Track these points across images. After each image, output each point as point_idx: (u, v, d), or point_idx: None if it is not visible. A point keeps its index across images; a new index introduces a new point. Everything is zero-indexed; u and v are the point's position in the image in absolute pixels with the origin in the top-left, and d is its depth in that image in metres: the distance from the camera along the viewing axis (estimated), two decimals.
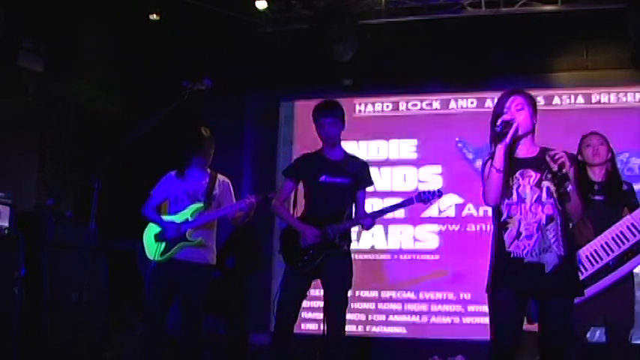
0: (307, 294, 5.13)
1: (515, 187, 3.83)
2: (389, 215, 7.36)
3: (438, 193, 5.14)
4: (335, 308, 5.06)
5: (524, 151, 3.92)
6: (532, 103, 3.94)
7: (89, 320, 5.94)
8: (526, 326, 3.95)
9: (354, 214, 5.18)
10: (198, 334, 5.48)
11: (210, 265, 5.50)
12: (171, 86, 4.59)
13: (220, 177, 5.64)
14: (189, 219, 5.42)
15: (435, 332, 7.20)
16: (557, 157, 3.72)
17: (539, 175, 3.82)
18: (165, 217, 5.52)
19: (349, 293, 5.30)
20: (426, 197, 5.13)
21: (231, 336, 6.97)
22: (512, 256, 3.77)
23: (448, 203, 7.39)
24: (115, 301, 6.58)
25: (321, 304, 5.12)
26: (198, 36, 7.40)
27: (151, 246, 5.46)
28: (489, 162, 3.84)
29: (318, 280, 5.09)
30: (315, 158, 5.27)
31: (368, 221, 5.09)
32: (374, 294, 7.41)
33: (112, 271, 6.55)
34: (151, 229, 5.53)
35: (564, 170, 3.68)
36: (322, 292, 5.09)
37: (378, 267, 7.55)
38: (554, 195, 3.78)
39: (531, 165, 3.86)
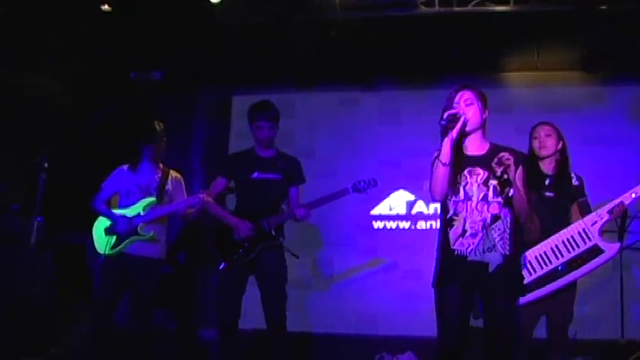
0: (246, 289, 5.12)
1: (462, 184, 3.85)
2: None
3: (373, 182, 5.17)
4: (274, 303, 5.06)
5: (473, 147, 3.94)
6: (482, 98, 3.96)
7: (36, 315, 5.86)
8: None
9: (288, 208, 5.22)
10: (148, 328, 5.48)
11: (160, 260, 5.55)
12: (121, 78, 4.53)
13: (173, 172, 5.66)
14: (141, 213, 5.43)
15: (384, 329, 7.23)
16: (503, 159, 3.74)
17: (487, 174, 3.84)
18: (116, 211, 5.49)
19: (297, 288, 5.28)
20: (361, 186, 5.17)
21: (181, 331, 6.92)
22: (456, 253, 3.81)
23: (399, 200, 7.42)
24: (63, 295, 6.48)
25: None
26: (151, 28, 7.29)
27: (101, 240, 5.44)
28: (437, 157, 3.84)
29: None
30: (247, 156, 5.35)
31: (301, 211, 5.12)
32: (323, 289, 7.42)
33: (60, 265, 6.45)
34: (101, 223, 5.50)
35: (506, 176, 3.71)
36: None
37: (330, 262, 7.56)
38: (502, 195, 3.80)
39: (480, 163, 3.88)
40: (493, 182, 3.82)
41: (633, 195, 4.89)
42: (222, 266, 5.15)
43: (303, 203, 5.26)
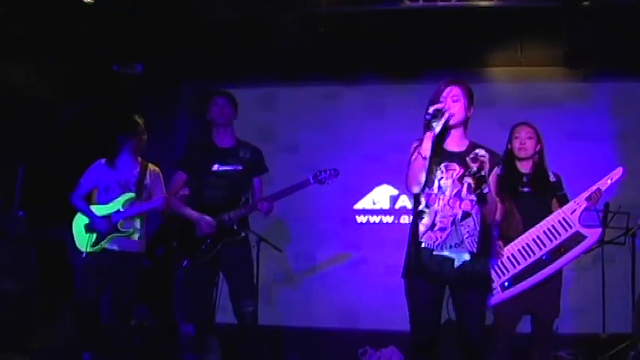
0: (217, 283, 5.10)
1: (437, 178, 3.86)
2: None
3: (334, 173, 5.14)
4: (241, 298, 5.02)
5: (453, 143, 3.95)
6: (469, 95, 3.97)
7: (17, 310, 5.81)
8: None
9: (250, 201, 5.16)
10: (129, 322, 5.44)
11: (140, 254, 5.50)
12: (103, 71, 4.49)
13: (151, 166, 5.58)
14: (121, 209, 5.38)
15: (367, 323, 7.23)
16: (478, 157, 3.74)
17: (462, 171, 3.85)
18: (96, 207, 5.45)
19: (284, 284, 5.25)
20: (323, 177, 5.14)
21: (161, 326, 6.88)
22: (423, 245, 3.82)
23: (383, 195, 7.43)
24: (45, 290, 6.43)
25: None
26: (134, 21, 7.23)
27: (82, 237, 5.39)
28: (417, 148, 3.84)
29: None
30: (206, 147, 5.25)
31: (265, 205, 5.08)
32: (307, 283, 7.42)
33: (42, 260, 6.40)
34: (81, 220, 5.45)
35: (483, 172, 3.71)
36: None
37: (312, 256, 7.54)
38: (475, 192, 3.81)
39: (457, 159, 3.89)
40: (468, 179, 3.83)
41: (609, 181, 4.94)
42: (185, 263, 5.11)
43: (265, 196, 5.19)
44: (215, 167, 5.12)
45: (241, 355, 5.12)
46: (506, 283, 4.75)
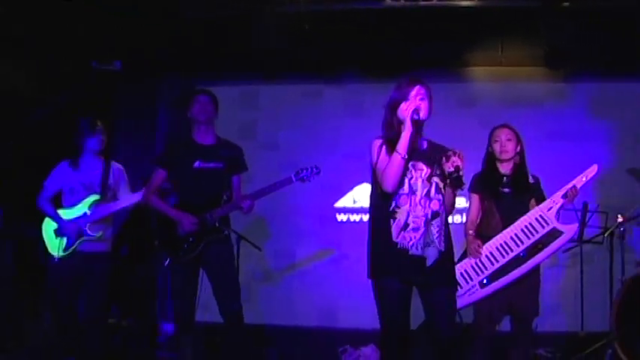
0: (199, 282, 5.07)
1: (407, 177, 3.86)
2: None
3: (316, 170, 5.13)
4: (226, 296, 5.00)
5: (416, 142, 3.95)
6: (431, 94, 3.98)
7: None
8: None
9: (231, 199, 5.13)
10: (105, 322, 5.54)
11: (109, 254, 5.55)
12: (80, 68, 4.45)
13: (114, 164, 5.62)
14: (87, 212, 5.41)
15: (347, 322, 7.23)
16: (452, 158, 3.75)
17: (430, 170, 3.88)
18: (62, 211, 5.47)
19: (262, 281, 5.24)
20: (304, 175, 5.13)
21: (140, 325, 6.85)
22: (398, 246, 3.80)
23: (363, 193, 7.43)
24: (22, 289, 6.39)
25: None
26: (113, 17, 7.18)
27: (52, 242, 5.43)
28: (383, 147, 3.85)
29: None
30: (187, 144, 5.22)
31: (247, 203, 5.06)
32: (287, 282, 7.41)
33: (20, 258, 6.35)
34: (49, 224, 5.50)
35: (461, 173, 3.72)
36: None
37: (292, 255, 7.53)
38: (442, 191, 3.85)
39: (422, 158, 3.91)
40: (436, 179, 3.86)
41: (584, 178, 5.02)
42: (167, 262, 5.09)
43: (247, 194, 5.18)
44: (196, 164, 5.09)
45: (228, 354, 5.09)
46: (484, 281, 4.79)
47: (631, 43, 7.16)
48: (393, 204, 3.85)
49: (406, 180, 3.85)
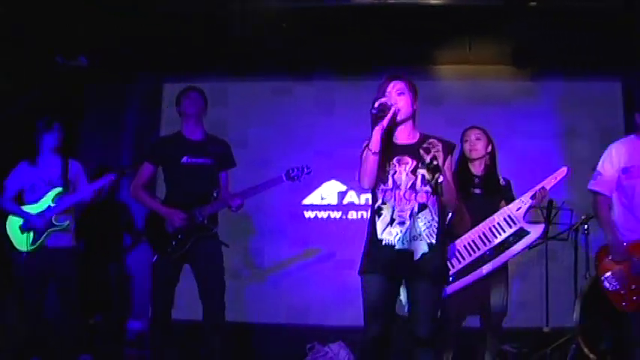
0: (180, 279, 5.05)
1: (391, 173, 3.87)
2: None
3: (307, 170, 5.15)
4: (212, 293, 4.99)
5: (403, 137, 3.95)
6: (413, 88, 3.98)
7: None
8: None
9: (220, 196, 5.12)
10: (77, 318, 5.52)
11: (76, 248, 5.60)
12: (46, 64, 4.41)
13: (72, 161, 5.67)
14: (52, 205, 5.45)
15: (315, 319, 7.25)
16: (431, 147, 3.77)
17: (415, 163, 3.86)
18: (26, 207, 5.49)
19: (231, 278, 5.15)
20: (295, 174, 5.15)
21: (108, 322, 6.81)
22: (383, 243, 3.82)
23: (331, 190, 7.45)
24: None
25: None
26: (81, 13, 7.11)
27: (19, 238, 5.43)
28: (366, 146, 3.84)
29: None
30: (176, 140, 5.20)
31: (237, 201, 5.05)
32: (255, 279, 7.41)
33: None
34: (13, 222, 5.50)
35: (435, 162, 3.74)
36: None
37: (262, 252, 7.53)
38: (430, 183, 3.83)
39: (409, 152, 3.90)
40: (422, 171, 3.84)
41: (553, 180, 5.07)
42: (155, 259, 5.07)
43: (237, 192, 5.17)
44: (184, 160, 5.08)
45: (210, 352, 5.08)
46: (450, 278, 4.82)
47: (596, 41, 7.27)
48: (380, 201, 3.87)
49: (390, 176, 3.86)
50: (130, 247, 6.96)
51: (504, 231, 4.91)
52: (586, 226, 6.27)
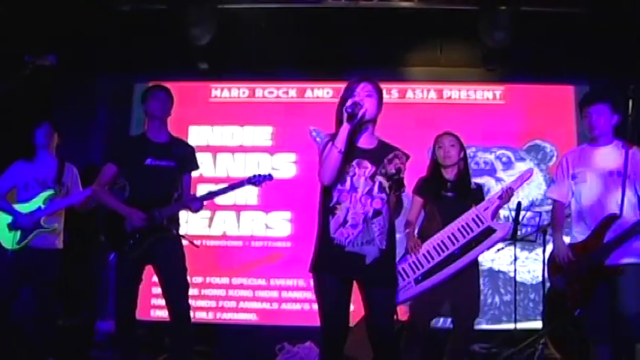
0: (142, 279, 5.03)
1: (350, 174, 3.86)
2: (241, 202, 7.43)
3: (269, 177, 5.18)
4: (175, 293, 4.97)
5: (364, 140, 3.96)
6: (379, 92, 3.98)
7: None
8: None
9: (181, 198, 5.11)
10: (54, 320, 5.57)
11: (60, 250, 5.58)
12: (14, 62, 4.37)
13: (67, 164, 5.68)
14: (42, 206, 5.46)
15: (285, 319, 7.25)
16: (395, 160, 3.79)
17: (374, 169, 3.87)
18: (16, 205, 5.50)
19: (200, 279, 5.16)
20: (257, 180, 5.15)
21: (76, 323, 6.76)
22: (335, 242, 3.82)
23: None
24: None
25: None
26: (50, 11, 7.06)
27: (6, 235, 5.44)
28: (329, 143, 3.85)
29: None
30: (140, 141, 5.16)
31: (196, 204, 5.04)
32: (225, 280, 7.38)
33: None
34: (2, 218, 5.48)
35: (402, 175, 3.77)
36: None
37: (230, 254, 7.51)
38: (386, 191, 3.86)
39: (368, 156, 3.91)
40: (379, 178, 3.86)
41: (520, 181, 5.14)
42: (111, 257, 5.06)
43: (199, 195, 5.17)
44: (148, 162, 5.03)
45: (176, 353, 5.05)
46: (419, 278, 4.88)
47: (565, 45, 7.37)
48: (334, 200, 3.86)
49: (348, 177, 3.86)
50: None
51: (472, 230, 4.96)
52: None
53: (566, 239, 4.81)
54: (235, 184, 5.18)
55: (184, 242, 5.15)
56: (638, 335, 4.37)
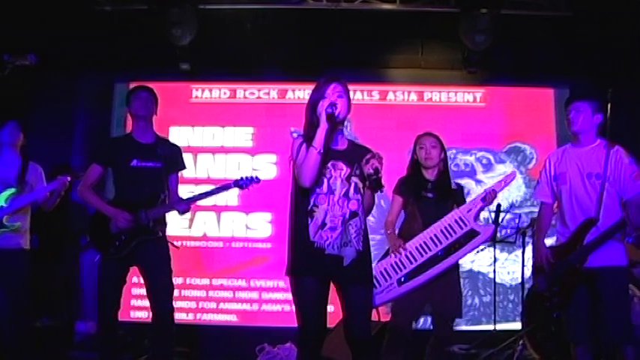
0: (126, 280, 5.01)
1: (327, 176, 3.86)
2: (221, 203, 7.41)
3: (256, 179, 5.17)
4: (160, 295, 4.95)
5: (335, 141, 3.97)
6: (349, 93, 4.00)
7: None
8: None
9: (168, 199, 5.10)
10: (29, 320, 5.47)
11: (26, 250, 5.49)
12: None
13: (32, 163, 5.61)
14: (4, 205, 5.38)
15: (265, 320, 7.25)
16: (372, 160, 3.78)
17: (349, 170, 3.88)
18: None
19: (180, 280, 5.12)
20: (244, 183, 5.15)
21: (55, 324, 6.72)
22: (315, 245, 3.82)
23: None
24: None
25: None
26: (31, 10, 7.02)
27: None
28: (304, 145, 3.86)
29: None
30: (126, 142, 5.14)
31: (183, 206, 5.02)
32: (205, 282, 7.36)
33: None
34: None
35: (380, 175, 3.76)
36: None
37: (210, 255, 7.49)
38: (361, 192, 3.88)
39: (342, 158, 3.91)
40: (355, 179, 3.88)
41: (503, 183, 5.18)
42: (97, 259, 5.02)
43: (187, 198, 5.15)
44: (134, 163, 5.01)
45: (157, 354, 5.03)
46: (402, 279, 4.87)
47: (546, 48, 7.42)
48: (312, 203, 3.85)
49: (325, 179, 3.85)
50: (84, 248, 6.86)
51: (455, 232, 4.97)
52: (534, 229, 6.39)
53: (552, 240, 4.84)
54: (222, 187, 5.17)
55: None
56: (619, 339, 4.39)
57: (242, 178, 5.17)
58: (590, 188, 4.54)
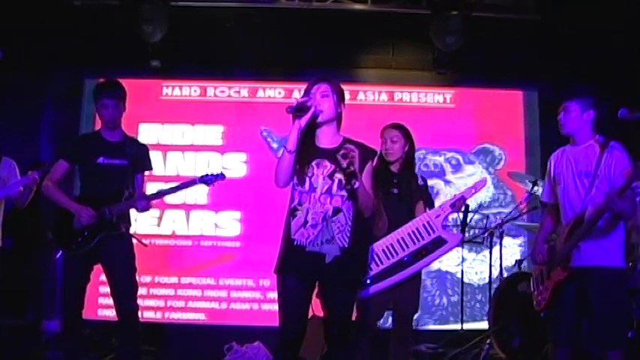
0: (90, 278, 4.97)
1: (309, 175, 3.86)
2: (190, 201, 7.39)
3: (222, 176, 5.16)
4: (123, 292, 4.92)
5: (325, 140, 3.94)
6: (338, 91, 3.97)
7: None
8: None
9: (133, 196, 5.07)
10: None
11: (1, 248, 5.45)
12: None
13: (5, 158, 5.55)
14: None
15: (233, 319, 7.24)
16: (348, 152, 3.77)
17: (333, 167, 3.85)
18: None
19: (148, 278, 5.08)
20: (209, 179, 5.14)
21: (22, 323, 6.66)
22: (295, 243, 3.82)
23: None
24: None
25: None
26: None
27: None
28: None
29: None
30: (94, 139, 5.11)
31: (142, 203, 4.98)
32: (173, 280, 7.34)
33: None
34: None
35: (352, 168, 3.73)
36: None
37: (179, 253, 7.47)
38: (346, 187, 3.84)
39: (328, 155, 3.88)
40: (338, 175, 3.84)
41: (473, 190, 5.14)
42: (59, 255, 4.99)
43: (149, 194, 5.12)
44: (100, 160, 4.98)
45: (123, 353, 5.00)
46: (368, 281, 4.85)
47: (515, 50, 7.49)
48: (296, 202, 3.86)
49: (307, 178, 3.85)
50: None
51: (423, 238, 4.92)
52: (501, 230, 6.46)
53: None
54: (186, 183, 5.15)
55: (133, 241, 5.11)
56: (608, 341, 4.32)
57: (207, 175, 5.16)
58: (580, 187, 4.47)
